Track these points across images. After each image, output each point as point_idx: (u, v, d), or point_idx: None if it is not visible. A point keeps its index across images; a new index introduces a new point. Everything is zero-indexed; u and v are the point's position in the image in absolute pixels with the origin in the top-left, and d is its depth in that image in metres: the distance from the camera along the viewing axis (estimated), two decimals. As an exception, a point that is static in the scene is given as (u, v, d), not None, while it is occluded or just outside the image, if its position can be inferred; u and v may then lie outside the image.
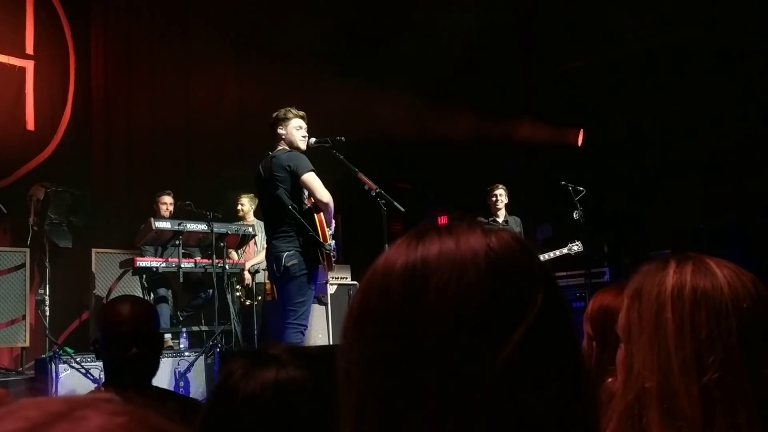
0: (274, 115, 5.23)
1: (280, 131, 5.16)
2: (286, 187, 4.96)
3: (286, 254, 4.88)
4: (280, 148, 5.16)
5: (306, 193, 5.06)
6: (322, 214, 5.08)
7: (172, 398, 2.74)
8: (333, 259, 5.16)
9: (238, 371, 1.49)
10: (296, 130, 5.16)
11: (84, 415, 0.49)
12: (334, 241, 5.16)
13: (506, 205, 7.77)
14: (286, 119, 5.18)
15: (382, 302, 0.76)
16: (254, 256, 7.74)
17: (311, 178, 4.98)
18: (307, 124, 5.25)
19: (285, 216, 4.94)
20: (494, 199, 7.71)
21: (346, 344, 0.79)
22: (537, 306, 0.74)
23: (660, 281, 1.14)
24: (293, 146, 5.14)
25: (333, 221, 5.29)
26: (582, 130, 10.01)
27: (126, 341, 2.40)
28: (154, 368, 2.55)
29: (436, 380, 0.72)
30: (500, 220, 7.64)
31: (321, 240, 4.97)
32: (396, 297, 0.76)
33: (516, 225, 7.72)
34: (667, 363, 1.08)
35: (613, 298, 2.13)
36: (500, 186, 7.77)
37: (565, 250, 7.55)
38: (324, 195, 4.98)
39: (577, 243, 7.55)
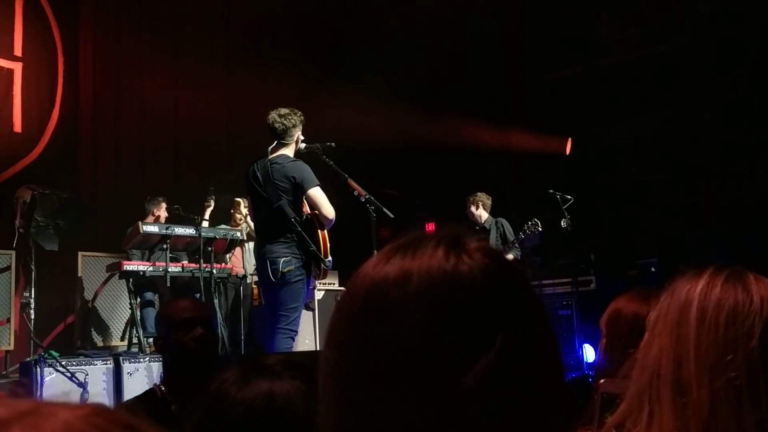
0: (295, 114, 4.96)
1: (298, 134, 4.98)
2: (289, 198, 4.82)
3: (283, 260, 4.75)
4: (281, 152, 4.94)
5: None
6: (325, 227, 4.97)
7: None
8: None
9: (232, 378, 1.49)
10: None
11: (50, 412, 0.50)
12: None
13: (491, 210, 7.78)
14: (301, 123, 4.99)
15: (349, 314, 0.77)
16: (242, 261, 7.72)
17: (318, 194, 4.84)
18: None
19: (285, 227, 4.81)
20: (467, 213, 7.76)
21: (327, 342, 0.80)
22: (497, 345, 0.70)
23: (692, 282, 1.19)
24: (295, 152, 4.99)
25: None
26: (570, 138, 10.06)
27: (191, 323, 2.66)
28: (215, 357, 2.75)
29: (396, 401, 0.71)
30: (480, 225, 7.65)
31: (321, 255, 4.89)
32: (357, 313, 0.76)
33: (497, 227, 7.61)
34: (686, 354, 1.11)
35: (626, 302, 2.31)
36: (468, 199, 7.79)
37: (521, 235, 7.25)
38: (330, 211, 4.85)
39: (533, 221, 7.20)
